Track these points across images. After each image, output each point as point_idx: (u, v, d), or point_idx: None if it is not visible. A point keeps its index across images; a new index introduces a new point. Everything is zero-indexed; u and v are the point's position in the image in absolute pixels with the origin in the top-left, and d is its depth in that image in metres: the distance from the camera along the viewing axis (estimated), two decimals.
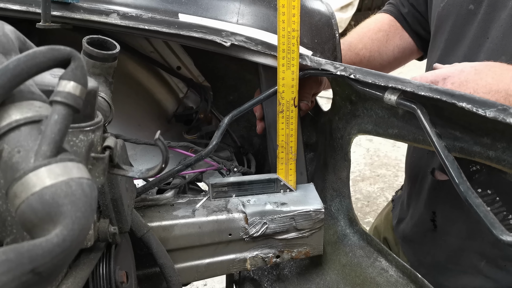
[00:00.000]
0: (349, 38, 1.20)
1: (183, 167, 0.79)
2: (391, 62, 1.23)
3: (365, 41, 1.18)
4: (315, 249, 0.88)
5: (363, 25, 1.25)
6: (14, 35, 0.42)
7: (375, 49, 1.18)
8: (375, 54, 1.18)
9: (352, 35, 1.22)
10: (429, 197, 1.04)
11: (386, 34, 1.20)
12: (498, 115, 0.52)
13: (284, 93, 0.80)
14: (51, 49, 0.35)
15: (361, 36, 1.20)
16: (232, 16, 0.81)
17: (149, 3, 0.79)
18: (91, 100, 0.46)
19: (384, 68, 1.23)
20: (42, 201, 0.31)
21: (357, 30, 1.23)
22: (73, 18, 0.74)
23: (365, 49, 1.18)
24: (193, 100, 1.16)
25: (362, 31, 1.22)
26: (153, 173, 0.49)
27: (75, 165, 0.34)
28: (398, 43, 1.20)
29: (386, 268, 0.87)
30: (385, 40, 1.19)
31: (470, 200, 0.53)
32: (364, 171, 3.44)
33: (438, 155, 0.59)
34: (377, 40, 1.19)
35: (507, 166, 0.61)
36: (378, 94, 0.70)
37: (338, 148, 0.93)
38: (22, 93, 0.35)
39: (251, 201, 0.84)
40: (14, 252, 0.28)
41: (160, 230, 0.78)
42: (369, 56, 1.18)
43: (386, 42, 1.19)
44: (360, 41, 1.19)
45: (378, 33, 1.19)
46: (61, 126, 0.34)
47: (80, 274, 0.51)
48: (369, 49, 1.18)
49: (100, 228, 0.56)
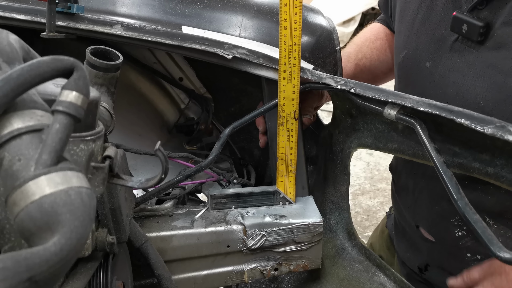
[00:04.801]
0: (348, 49, 1.19)
1: (183, 177, 0.80)
2: (392, 70, 1.23)
3: (364, 51, 1.18)
4: (314, 263, 0.87)
5: (360, 35, 1.24)
6: (18, 44, 0.42)
7: (375, 58, 1.18)
8: (376, 63, 1.18)
9: (350, 46, 1.21)
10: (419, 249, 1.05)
11: (384, 42, 1.20)
12: (496, 132, 0.52)
13: (285, 106, 0.81)
14: (54, 59, 0.35)
15: (360, 46, 1.20)
16: (234, 29, 0.82)
17: (153, 15, 0.80)
18: (93, 110, 0.46)
19: (387, 76, 1.22)
20: (41, 210, 0.31)
21: (355, 41, 1.23)
22: (77, 28, 0.75)
23: (365, 59, 1.17)
24: (195, 111, 1.16)
25: (360, 41, 1.21)
26: (152, 183, 0.49)
27: (74, 174, 0.34)
28: None
29: (384, 283, 0.87)
30: (384, 48, 1.19)
31: (468, 217, 0.53)
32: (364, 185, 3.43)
33: (437, 170, 0.60)
34: (376, 49, 1.18)
35: (505, 182, 0.61)
36: (378, 108, 0.71)
37: (338, 161, 0.93)
38: (25, 102, 0.36)
39: (250, 213, 0.84)
40: (11, 260, 0.28)
41: (158, 240, 0.78)
42: (370, 65, 1.18)
43: (385, 51, 1.19)
44: (359, 51, 1.18)
45: (376, 42, 1.18)
46: (62, 135, 0.34)
47: (77, 283, 0.51)
48: (369, 59, 1.18)
49: (98, 237, 0.56)
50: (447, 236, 0.93)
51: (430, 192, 0.93)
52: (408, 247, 1.09)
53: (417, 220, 1.01)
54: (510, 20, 0.75)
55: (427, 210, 0.97)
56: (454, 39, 0.84)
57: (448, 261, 0.97)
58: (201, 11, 0.82)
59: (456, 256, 0.93)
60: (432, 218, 0.96)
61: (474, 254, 0.90)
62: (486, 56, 0.78)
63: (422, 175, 0.96)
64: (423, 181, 0.95)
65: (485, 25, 0.77)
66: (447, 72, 0.85)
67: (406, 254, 1.10)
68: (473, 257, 0.91)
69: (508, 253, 0.48)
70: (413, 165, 0.98)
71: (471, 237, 0.89)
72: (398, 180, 1.09)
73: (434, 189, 0.92)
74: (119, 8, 0.79)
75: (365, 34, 1.23)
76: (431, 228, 0.98)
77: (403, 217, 1.09)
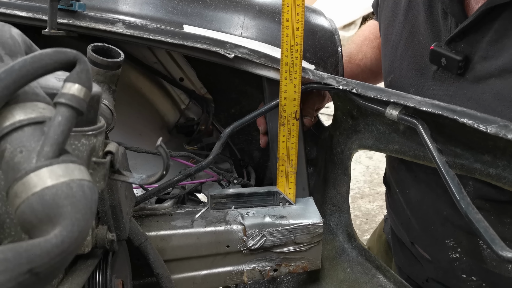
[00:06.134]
0: (348, 49, 1.19)
1: (183, 177, 0.79)
2: None
3: (365, 50, 1.17)
4: (313, 264, 0.87)
5: (359, 34, 1.23)
6: (20, 38, 0.42)
7: (376, 57, 1.17)
8: (376, 62, 1.17)
9: (350, 45, 1.21)
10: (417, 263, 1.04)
11: None
12: (499, 131, 0.52)
13: (286, 106, 0.81)
14: (57, 52, 0.35)
15: (360, 46, 1.19)
16: (236, 29, 0.82)
17: (155, 14, 0.80)
18: (95, 105, 0.46)
19: None
20: (43, 202, 0.31)
21: (355, 40, 1.22)
22: (79, 26, 0.75)
23: (366, 58, 1.17)
24: (195, 111, 1.16)
25: (359, 40, 1.20)
26: (154, 179, 0.49)
27: (76, 167, 0.34)
28: None
29: (384, 285, 0.87)
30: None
31: (470, 216, 0.53)
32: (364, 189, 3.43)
33: (439, 170, 0.59)
34: (376, 47, 1.17)
35: (507, 184, 0.61)
36: (379, 109, 0.71)
37: (339, 163, 0.93)
38: (27, 94, 0.36)
39: (250, 213, 0.84)
40: (12, 252, 0.28)
41: (158, 239, 0.78)
42: (371, 65, 1.17)
43: None
44: (359, 51, 1.18)
45: (375, 40, 1.17)
46: (64, 128, 0.34)
47: (76, 280, 0.51)
48: (369, 58, 1.17)
49: (98, 234, 0.56)
50: (442, 257, 0.92)
51: (424, 213, 0.92)
52: (406, 260, 1.08)
53: (412, 238, 1.00)
54: (488, 55, 0.73)
55: (421, 230, 0.95)
56: (435, 69, 0.82)
57: (446, 278, 0.96)
58: (203, 11, 0.82)
59: (453, 275, 0.92)
60: (427, 238, 0.95)
61: (469, 276, 0.89)
62: (466, 89, 0.76)
63: (414, 195, 0.94)
64: (416, 201, 0.93)
65: (463, 59, 0.74)
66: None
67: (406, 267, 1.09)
68: (469, 278, 0.90)
69: (510, 253, 0.48)
70: (404, 185, 0.96)
71: (465, 259, 0.88)
72: (392, 196, 1.07)
73: (427, 210, 0.91)
74: (121, 7, 0.79)
75: (364, 32, 1.22)
76: (426, 247, 0.97)
77: (398, 231, 1.08)
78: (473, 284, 0.90)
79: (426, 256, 0.97)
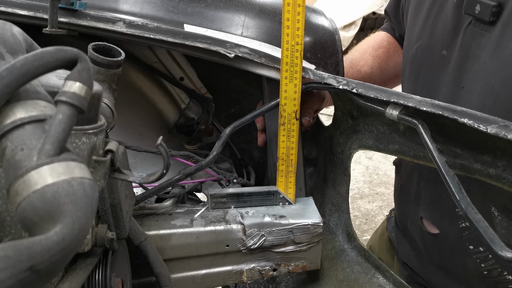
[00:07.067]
0: (350, 56, 1.21)
1: (183, 176, 0.79)
2: (392, 79, 1.24)
3: (366, 58, 1.20)
4: (313, 264, 0.87)
5: (364, 43, 1.27)
6: (21, 36, 0.42)
7: (376, 66, 1.19)
8: (376, 71, 1.20)
9: (353, 52, 1.23)
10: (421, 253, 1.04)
11: (386, 51, 1.21)
12: (499, 131, 0.52)
13: (286, 105, 0.81)
14: (58, 50, 0.35)
15: (362, 53, 1.21)
16: (237, 29, 0.82)
17: (155, 13, 0.80)
18: (95, 104, 0.46)
19: (385, 85, 1.23)
20: (43, 199, 0.31)
21: (358, 48, 1.25)
22: (80, 25, 0.75)
23: (367, 66, 1.19)
24: (195, 111, 1.16)
25: (363, 48, 1.23)
26: (154, 178, 0.49)
27: (77, 165, 0.34)
28: (398, 60, 1.21)
29: (383, 285, 0.87)
30: (386, 57, 1.21)
31: (470, 216, 0.53)
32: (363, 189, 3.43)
33: (439, 170, 0.59)
34: (378, 57, 1.20)
35: (507, 184, 0.61)
36: (379, 109, 0.71)
37: (338, 163, 0.93)
38: (28, 92, 0.36)
39: (250, 212, 0.84)
40: (13, 249, 0.28)
41: (157, 239, 0.78)
42: (371, 73, 1.19)
43: (387, 59, 1.21)
44: (361, 58, 1.20)
45: (379, 50, 1.20)
46: (65, 126, 0.34)
47: (76, 278, 0.51)
48: (370, 66, 1.19)
49: (98, 233, 0.56)
50: (451, 228, 0.93)
51: (436, 183, 0.93)
52: (409, 246, 1.09)
53: (421, 211, 1.00)
54: None
55: (431, 202, 0.96)
56: (467, 24, 0.85)
57: (450, 256, 0.96)
58: (204, 10, 0.82)
59: (459, 249, 0.93)
60: (437, 209, 0.96)
61: (476, 246, 0.90)
62: (495, 37, 0.80)
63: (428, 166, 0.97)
64: (428, 172, 0.95)
65: (497, 5, 0.78)
66: (463, 57, 0.86)
67: (407, 253, 1.10)
68: (476, 249, 0.90)
69: (510, 253, 0.48)
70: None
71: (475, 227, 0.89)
72: (403, 173, 1.09)
73: (440, 179, 0.92)
74: (122, 6, 0.79)
75: (368, 42, 1.25)
76: (435, 219, 0.97)
77: (405, 213, 1.08)
78: (479, 257, 0.90)
79: (434, 231, 0.98)
